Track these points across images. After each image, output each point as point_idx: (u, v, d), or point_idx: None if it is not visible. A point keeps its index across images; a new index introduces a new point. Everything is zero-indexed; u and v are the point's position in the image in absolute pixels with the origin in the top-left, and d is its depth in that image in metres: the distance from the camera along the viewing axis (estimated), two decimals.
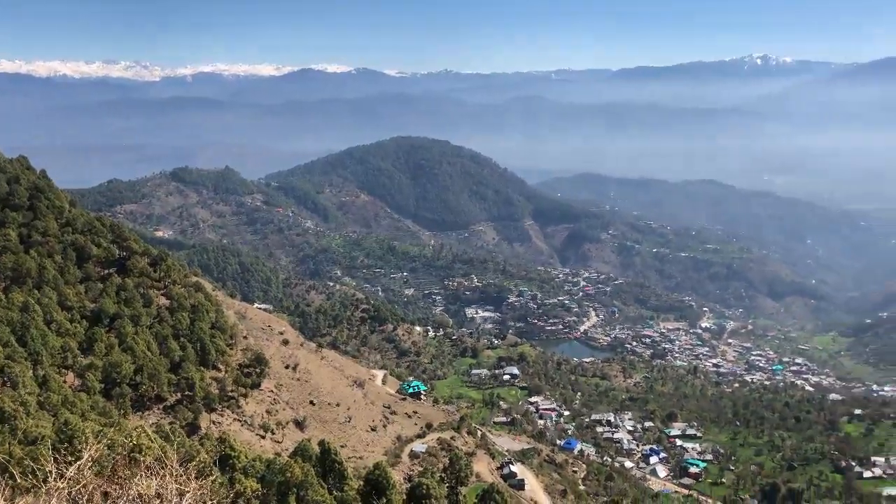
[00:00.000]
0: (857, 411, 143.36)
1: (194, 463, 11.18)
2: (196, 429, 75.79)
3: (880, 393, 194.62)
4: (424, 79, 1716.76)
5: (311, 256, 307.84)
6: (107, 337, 79.02)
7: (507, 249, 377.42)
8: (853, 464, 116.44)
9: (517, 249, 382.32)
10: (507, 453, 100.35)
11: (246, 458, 47.91)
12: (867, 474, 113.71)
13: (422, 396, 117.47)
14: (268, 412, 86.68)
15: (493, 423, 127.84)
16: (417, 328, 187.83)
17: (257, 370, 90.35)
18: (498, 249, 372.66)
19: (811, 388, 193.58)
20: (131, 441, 11.85)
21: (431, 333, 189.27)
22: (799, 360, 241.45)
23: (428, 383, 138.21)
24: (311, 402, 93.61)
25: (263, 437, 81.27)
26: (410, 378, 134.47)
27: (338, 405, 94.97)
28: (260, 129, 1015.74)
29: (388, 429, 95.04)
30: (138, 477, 10.25)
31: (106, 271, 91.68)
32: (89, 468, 10.58)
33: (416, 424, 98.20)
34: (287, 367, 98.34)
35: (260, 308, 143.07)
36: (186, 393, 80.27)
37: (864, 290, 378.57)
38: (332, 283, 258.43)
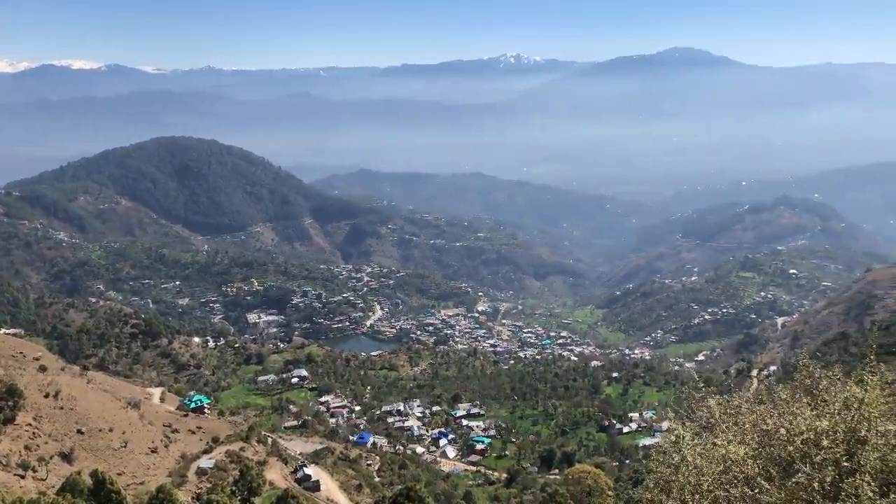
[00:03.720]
0: (615, 374, 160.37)
1: None
2: None
3: (631, 356, 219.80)
4: (185, 75, 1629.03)
5: (67, 272, 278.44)
6: None
7: (287, 250, 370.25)
8: (614, 422, 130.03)
9: (298, 249, 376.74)
10: (300, 457, 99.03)
11: (3, 502, 42.76)
12: (626, 429, 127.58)
13: (206, 410, 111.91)
14: (27, 448, 77.52)
15: (284, 427, 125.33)
16: (196, 339, 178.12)
17: (10, 403, 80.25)
18: (278, 250, 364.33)
19: (576, 358, 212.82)
20: None
21: (212, 343, 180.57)
22: (564, 334, 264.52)
23: (212, 396, 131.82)
24: (80, 431, 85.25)
25: (23, 477, 72.58)
26: (192, 392, 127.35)
27: (111, 430, 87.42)
28: None
29: (171, 448, 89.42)
30: None
31: None
32: None
33: (201, 440, 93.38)
34: (47, 395, 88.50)
35: (8, 334, 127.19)
36: None
37: (613, 265, 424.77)
38: (94, 300, 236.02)
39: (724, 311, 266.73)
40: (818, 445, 7.37)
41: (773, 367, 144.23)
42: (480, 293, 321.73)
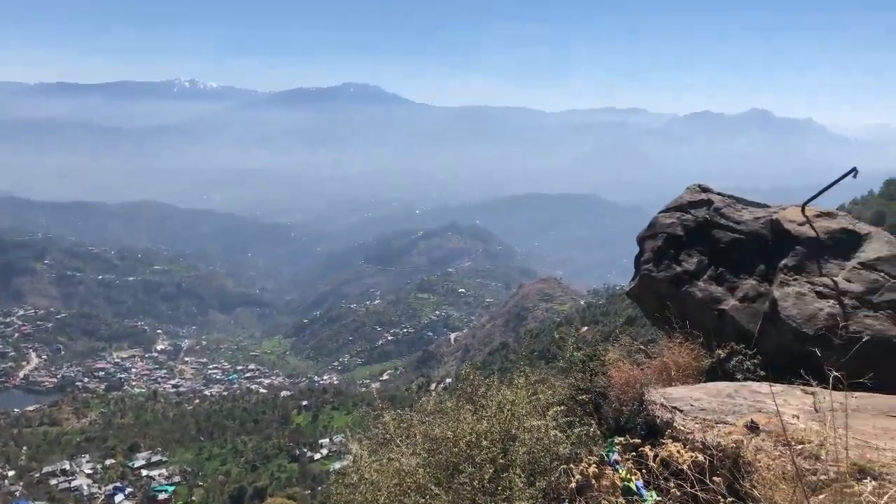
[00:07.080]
0: (304, 402, 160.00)
1: None
2: None
3: (320, 382, 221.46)
4: None
5: None
6: None
7: None
8: (305, 450, 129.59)
9: None
10: None
11: None
12: (317, 456, 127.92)
13: None
14: None
15: None
16: None
17: None
18: None
19: (265, 390, 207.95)
20: None
21: None
22: (252, 366, 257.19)
23: None
24: None
25: None
26: None
27: None
28: None
29: None
30: None
31: None
32: None
33: None
34: None
35: None
36: None
37: (301, 293, 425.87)
38: None
39: (405, 330, 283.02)
40: (479, 446, 8.14)
41: (448, 380, 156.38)
42: (159, 331, 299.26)
